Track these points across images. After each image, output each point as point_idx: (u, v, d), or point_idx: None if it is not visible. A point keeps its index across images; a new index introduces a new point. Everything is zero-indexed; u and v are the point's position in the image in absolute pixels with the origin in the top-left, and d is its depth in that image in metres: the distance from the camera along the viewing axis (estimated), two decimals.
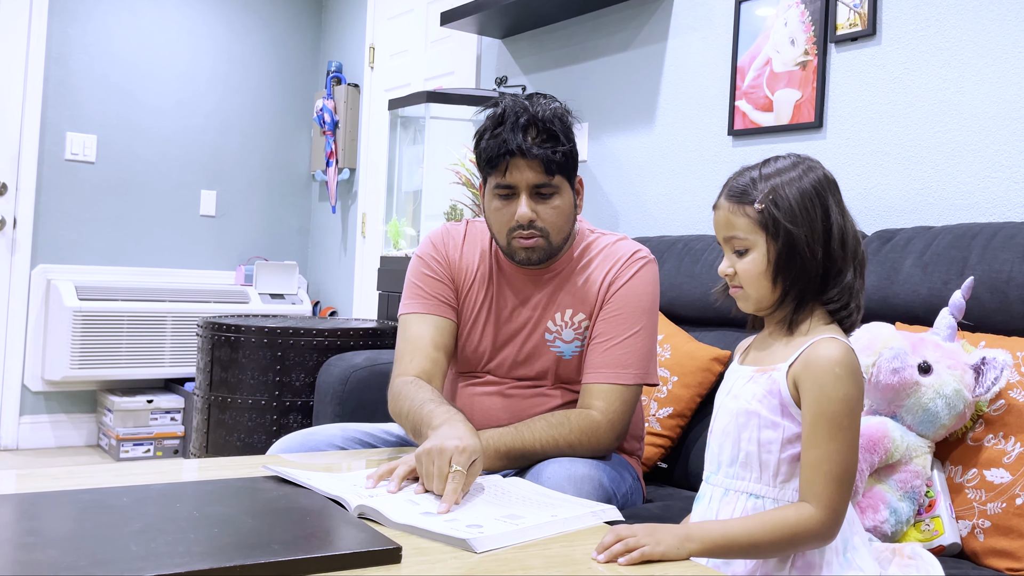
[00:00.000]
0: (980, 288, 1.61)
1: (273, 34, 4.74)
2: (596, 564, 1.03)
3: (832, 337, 1.13)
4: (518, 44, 3.33)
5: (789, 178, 1.16)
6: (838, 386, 1.09)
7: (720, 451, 1.20)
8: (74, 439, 4.26)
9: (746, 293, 1.19)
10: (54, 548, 0.95)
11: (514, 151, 1.53)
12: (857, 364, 1.12)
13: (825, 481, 1.08)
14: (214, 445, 2.71)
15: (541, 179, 1.56)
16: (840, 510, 1.09)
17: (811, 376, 1.11)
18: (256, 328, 2.65)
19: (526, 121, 1.54)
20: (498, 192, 1.58)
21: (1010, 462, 1.44)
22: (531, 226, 1.56)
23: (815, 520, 1.08)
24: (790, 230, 1.13)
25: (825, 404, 1.10)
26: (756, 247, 1.17)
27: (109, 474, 1.33)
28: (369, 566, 0.97)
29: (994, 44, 1.94)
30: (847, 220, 1.18)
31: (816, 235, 1.14)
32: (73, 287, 4.04)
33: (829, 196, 1.17)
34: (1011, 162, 1.90)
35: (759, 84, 2.41)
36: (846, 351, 1.12)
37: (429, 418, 1.42)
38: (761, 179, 1.18)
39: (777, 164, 1.19)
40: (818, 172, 1.19)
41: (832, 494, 1.08)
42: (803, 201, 1.14)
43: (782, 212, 1.14)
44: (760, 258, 1.16)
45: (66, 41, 4.19)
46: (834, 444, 1.09)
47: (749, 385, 1.18)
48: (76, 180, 4.23)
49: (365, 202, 4.34)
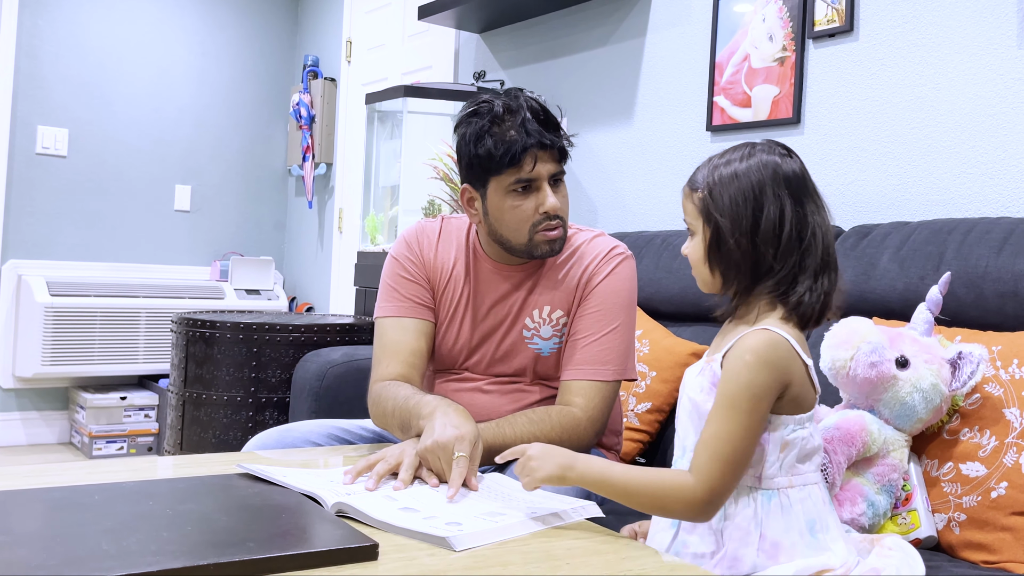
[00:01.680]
0: (956, 283, 1.62)
1: (249, 27, 4.69)
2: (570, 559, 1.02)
3: (763, 328, 1.14)
4: (496, 39, 3.32)
5: (732, 170, 1.19)
6: (743, 371, 1.12)
7: (685, 437, 1.23)
8: (46, 436, 4.20)
9: (695, 275, 1.25)
10: (24, 547, 0.93)
11: (536, 143, 1.52)
12: (773, 356, 1.12)
13: (710, 457, 1.10)
14: (188, 442, 2.68)
15: (557, 168, 1.57)
16: (719, 490, 1.11)
17: (728, 360, 1.15)
18: (231, 324, 2.62)
19: (532, 113, 1.54)
20: (515, 188, 1.55)
21: (985, 455, 1.45)
22: (556, 215, 1.56)
23: (689, 490, 1.10)
24: (717, 220, 1.17)
25: (729, 386, 1.12)
26: (697, 232, 1.22)
27: (81, 472, 1.31)
28: (346, 563, 0.96)
29: (970, 41, 1.95)
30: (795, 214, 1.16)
31: (742, 227, 1.16)
32: (45, 283, 3.99)
33: (769, 191, 1.16)
34: (986, 158, 1.91)
35: (737, 80, 2.42)
36: (767, 340, 1.13)
37: (417, 409, 1.43)
38: (711, 167, 1.21)
39: (732, 155, 1.21)
40: (765, 167, 1.18)
41: (714, 472, 1.10)
42: (736, 195, 1.17)
43: (715, 203, 1.18)
44: (699, 243, 1.21)
45: (36, 33, 4.13)
46: (728, 425, 1.11)
47: (698, 377, 1.22)
48: (47, 174, 4.17)
49: (342, 197, 4.31)
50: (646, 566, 1.02)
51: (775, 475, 1.15)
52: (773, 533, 1.12)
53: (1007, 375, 1.49)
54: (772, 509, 1.14)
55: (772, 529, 1.13)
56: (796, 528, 1.13)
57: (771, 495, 1.14)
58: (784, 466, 1.15)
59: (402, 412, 1.47)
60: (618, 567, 1.01)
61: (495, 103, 1.56)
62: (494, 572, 0.97)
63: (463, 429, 1.32)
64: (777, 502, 1.14)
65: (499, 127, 1.53)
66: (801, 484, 1.16)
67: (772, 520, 1.13)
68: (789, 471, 1.15)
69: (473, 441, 1.31)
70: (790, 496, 1.15)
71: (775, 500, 1.14)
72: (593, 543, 1.09)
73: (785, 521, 1.13)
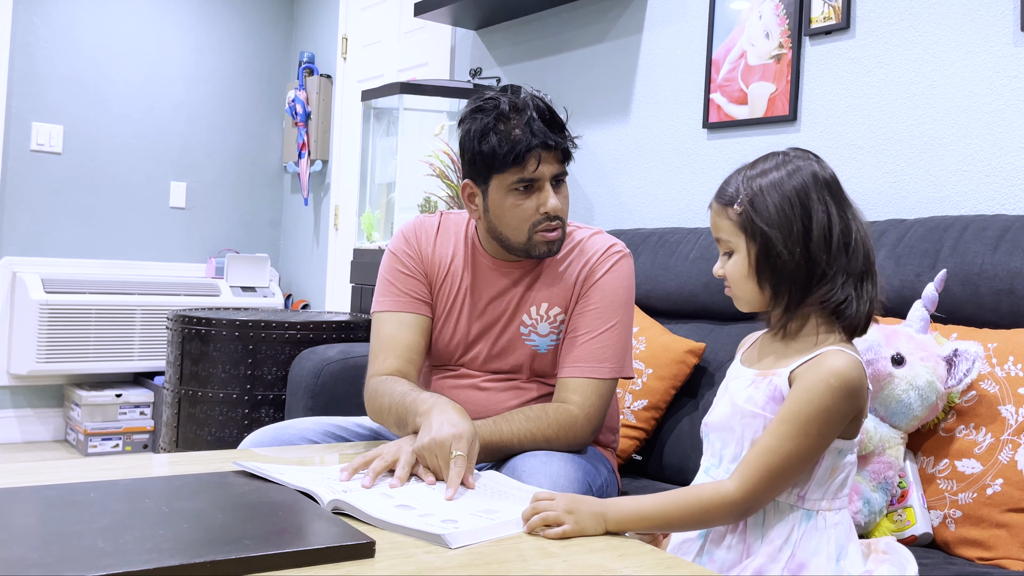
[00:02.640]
0: (952, 280, 1.62)
1: (244, 24, 4.68)
2: (566, 556, 1.02)
3: (842, 349, 1.12)
4: (493, 35, 3.32)
5: (770, 180, 1.15)
6: (826, 395, 1.08)
7: (723, 446, 1.20)
8: (41, 434, 4.19)
9: (735, 294, 1.20)
10: (20, 545, 0.93)
11: (540, 144, 1.51)
12: (858, 382, 1.10)
13: (759, 469, 1.09)
14: (184, 440, 2.68)
15: (559, 169, 1.56)
16: (760, 500, 1.10)
17: (806, 377, 1.10)
18: (227, 321, 2.62)
19: (538, 113, 1.53)
20: (517, 187, 1.55)
21: (981, 452, 1.46)
22: (556, 216, 1.56)
23: (729, 498, 1.09)
24: (766, 232, 1.13)
25: (804, 406, 1.09)
26: (739, 249, 1.17)
27: (77, 469, 1.31)
28: (343, 561, 0.96)
29: (967, 38, 1.95)
30: (840, 219, 1.14)
31: (794, 236, 1.12)
32: (39, 280, 3.98)
33: (813, 195, 1.14)
34: (983, 155, 1.91)
35: (734, 77, 2.42)
36: (852, 365, 1.10)
37: (414, 406, 1.42)
38: (744, 180, 1.17)
39: (764, 164, 1.18)
40: (804, 172, 1.15)
41: (759, 483, 1.09)
42: (781, 202, 1.13)
43: (759, 214, 1.13)
44: (742, 260, 1.16)
45: (31, 30, 4.11)
46: (790, 444, 1.08)
47: (749, 389, 1.18)
48: (42, 171, 4.16)
49: (338, 194, 4.30)
50: (643, 563, 1.02)
51: (819, 497, 1.13)
52: (803, 554, 1.11)
53: (1003, 372, 1.49)
54: (807, 530, 1.12)
55: (803, 550, 1.11)
56: (825, 552, 1.11)
57: (810, 515, 1.13)
58: (829, 490, 1.14)
59: (399, 409, 1.47)
60: (615, 564, 1.01)
61: (501, 100, 1.54)
62: (491, 569, 0.97)
63: (460, 427, 1.31)
64: (813, 524, 1.12)
65: (505, 125, 1.52)
66: (838, 508, 1.15)
67: (805, 541, 1.12)
68: (831, 495, 1.14)
69: (470, 439, 1.30)
70: (827, 519, 1.13)
71: (812, 521, 1.13)
72: (589, 540, 1.09)
73: (816, 543, 1.12)
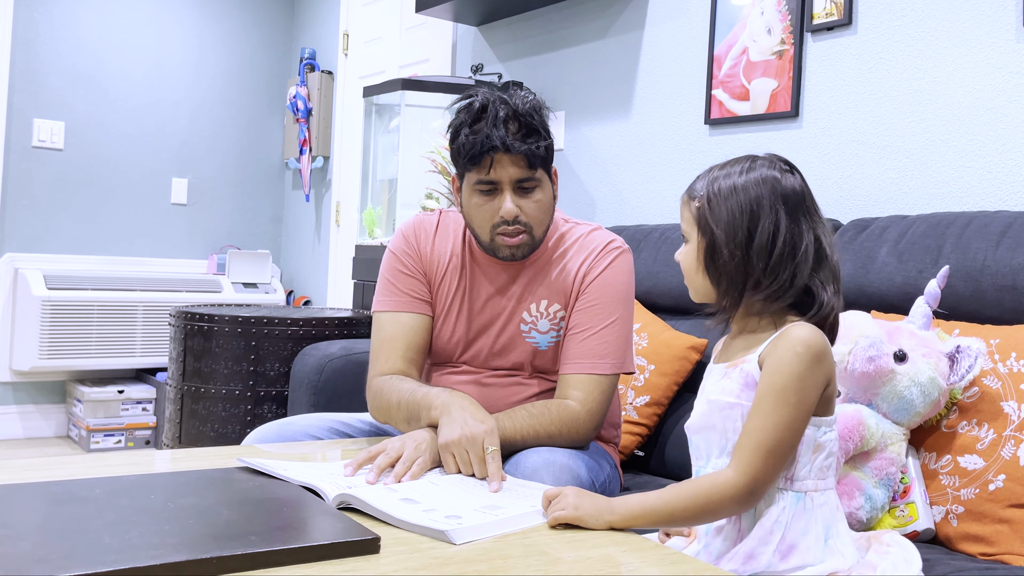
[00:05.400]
0: (954, 276, 1.63)
1: (245, 20, 4.68)
2: (571, 551, 1.03)
3: (802, 323, 1.15)
4: (494, 31, 3.31)
5: (731, 183, 1.19)
6: (794, 362, 1.11)
7: (707, 445, 1.21)
8: (43, 430, 4.20)
9: (688, 282, 1.25)
10: (26, 541, 0.93)
11: (498, 147, 1.50)
12: (823, 349, 1.13)
13: (754, 450, 1.10)
14: (187, 436, 2.68)
15: (524, 174, 1.54)
16: (761, 480, 1.11)
17: (774, 352, 1.14)
18: (229, 317, 2.62)
19: (507, 115, 1.51)
20: (479, 188, 1.55)
21: (983, 448, 1.46)
22: (515, 221, 1.54)
23: (731, 485, 1.10)
24: (713, 231, 1.18)
25: (777, 377, 1.12)
26: (692, 240, 1.22)
27: (80, 465, 1.31)
28: (348, 556, 0.96)
29: (969, 34, 1.95)
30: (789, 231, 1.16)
31: (737, 241, 1.16)
32: (41, 276, 3.98)
33: (766, 205, 1.16)
34: (985, 152, 1.91)
35: (736, 73, 2.41)
36: (814, 334, 1.13)
37: (427, 400, 1.45)
38: (711, 179, 1.21)
39: (732, 167, 1.21)
40: (764, 182, 1.18)
41: (757, 464, 1.10)
42: (733, 207, 1.17)
43: (712, 213, 1.18)
44: (691, 251, 1.22)
45: (32, 26, 4.11)
46: (774, 417, 1.10)
47: (723, 381, 1.20)
48: (44, 167, 4.16)
49: (339, 190, 4.30)
50: (646, 559, 1.02)
51: (805, 477, 1.15)
52: (792, 535, 1.12)
53: (1005, 368, 1.49)
54: (797, 511, 1.14)
55: (793, 531, 1.13)
56: (814, 532, 1.13)
57: (798, 497, 1.14)
58: (814, 469, 1.15)
59: (409, 404, 1.48)
60: (618, 560, 1.02)
61: (476, 99, 1.55)
62: (495, 565, 0.97)
63: (488, 423, 1.37)
64: (802, 505, 1.14)
65: (476, 124, 1.53)
66: (824, 488, 1.16)
67: (795, 522, 1.13)
68: (816, 474, 1.15)
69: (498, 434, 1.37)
70: (814, 500, 1.15)
71: (801, 503, 1.14)
72: (593, 536, 1.09)
73: (805, 524, 1.13)
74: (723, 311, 1.21)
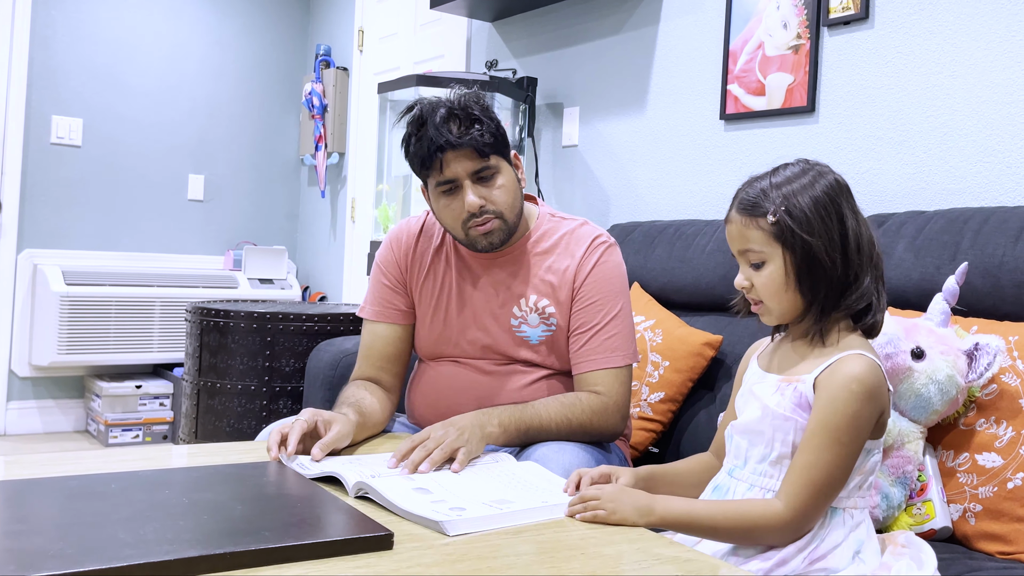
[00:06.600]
0: (973, 273, 1.61)
1: (260, 17, 4.69)
2: (585, 548, 1.03)
3: (860, 353, 1.13)
4: (508, 27, 3.31)
5: (800, 186, 1.15)
6: (849, 401, 1.09)
7: (750, 447, 1.20)
8: (62, 425, 4.23)
9: (767, 307, 1.19)
10: (41, 535, 0.94)
11: (443, 146, 1.53)
12: (878, 385, 1.12)
13: (805, 485, 1.09)
14: (203, 431, 2.70)
15: (478, 164, 1.56)
16: (809, 516, 1.10)
17: (828, 386, 1.11)
18: (245, 313, 2.63)
19: (445, 114, 1.54)
20: (441, 190, 1.59)
21: (1002, 446, 1.44)
22: (483, 211, 1.57)
23: (779, 518, 1.09)
24: (807, 240, 1.12)
25: (831, 415, 1.10)
26: (772, 260, 1.16)
27: (97, 460, 1.32)
28: (361, 552, 0.96)
29: (987, 28, 1.93)
30: (862, 224, 1.16)
31: (834, 243, 1.13)
32: (60, 272, 4.01)
33: (843, 201, 1.15)
34: (1004, 146, 1.89)
35: (751, 68, 2.40)
36: (870, 369, 1.11)
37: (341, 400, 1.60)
38: (772, 189, 1.16)
39: (787, 172, 1.18)
40: (828, 178, 1.17)
41: (807, 500, 1.09)
42: (817, 209, 1.13)
43: (797, 222, 1.13)
44: (778, 271, 1.16)
45: (50, 24, 4.14)
46: (827, 455, 1.09)
47: (776, 395, 1.18)
48: (62, 164, 4.19)
49: (354, 187, 4.31)
50: (661, 555, 1.02)
51: (845, 495, 1.14)
52: (825, 547, 1.12)
53: None
54: (834, 524, 1.13)
55: (827, 543, 1.12)
56: (844, 546, 1.13)
57: (837, 512, 1.14)
58: (857, 488, 1.15)
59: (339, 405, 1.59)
60: (630, 556, 1.01)
61: (415, 108, 1.58)
62: (507, 562, 0.97)
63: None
64: (839, 519, 1.14)
65: (420, 131, 1.56)
66: (863, 506, 1.16)
67: (830, 535, 1.13)
68: (858, 492, 1.15)
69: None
70: (853, 516, 1.15)
71: (838, 517, 1.14)
72: (606, 532, 1.09)
73: (838, 538, 1.13)
74: (816, 323, 1.16)
